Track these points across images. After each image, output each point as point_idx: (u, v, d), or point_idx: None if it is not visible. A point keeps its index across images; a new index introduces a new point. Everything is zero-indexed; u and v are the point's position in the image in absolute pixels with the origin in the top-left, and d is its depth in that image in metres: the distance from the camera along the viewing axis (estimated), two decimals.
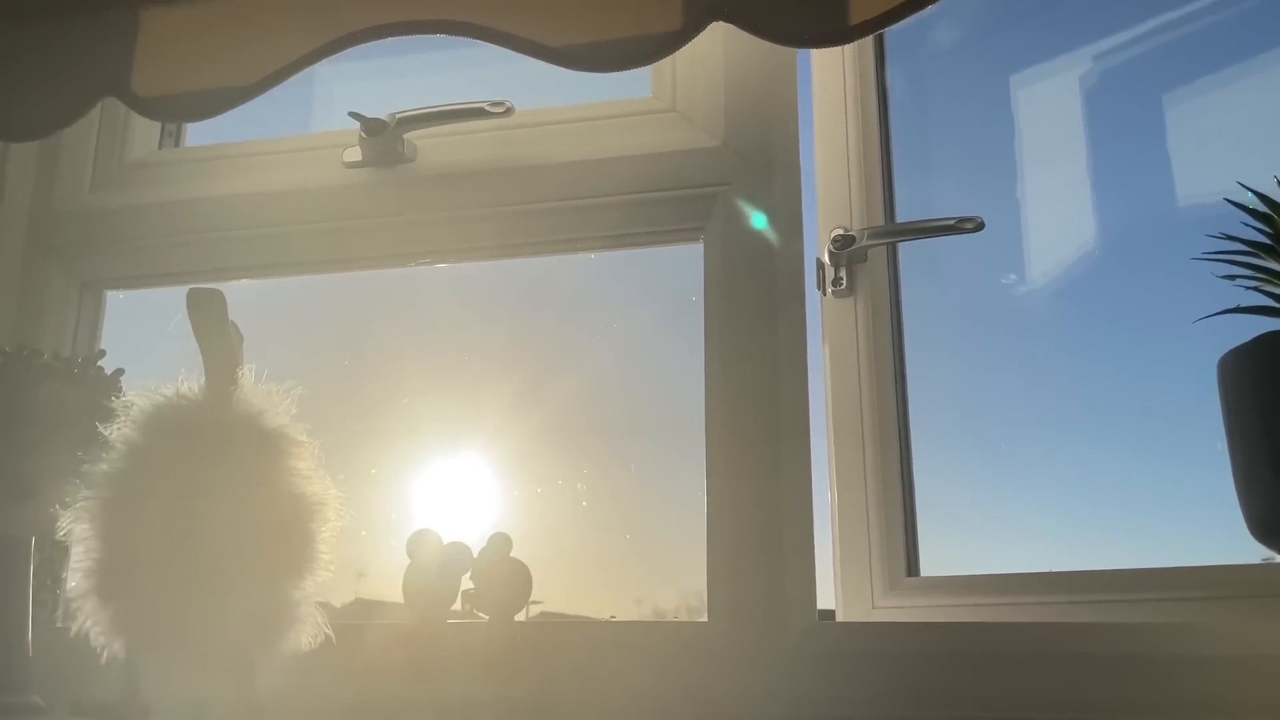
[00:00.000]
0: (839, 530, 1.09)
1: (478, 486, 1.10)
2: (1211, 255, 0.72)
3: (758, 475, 0.96)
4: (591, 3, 0.96)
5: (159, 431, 0.80)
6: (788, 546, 0.94)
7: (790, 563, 0.94)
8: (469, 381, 1.14)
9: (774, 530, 0.94)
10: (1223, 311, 0.70)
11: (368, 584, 1.08)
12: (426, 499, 1.11)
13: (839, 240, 1.14)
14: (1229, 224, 0.76)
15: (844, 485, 1.10)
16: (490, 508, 1.07)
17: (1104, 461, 1.10)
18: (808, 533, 0.95)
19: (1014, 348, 1.20)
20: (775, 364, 0.99)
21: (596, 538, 1.08)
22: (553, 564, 1.02)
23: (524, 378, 1.14)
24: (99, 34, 1.09)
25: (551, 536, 1.09)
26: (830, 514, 1.10)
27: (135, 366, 1.09)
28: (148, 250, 1.18)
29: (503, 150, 1.11)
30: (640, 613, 1.07)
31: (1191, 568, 0.95)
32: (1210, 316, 0.71)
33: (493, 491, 1.09)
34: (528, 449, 1.11)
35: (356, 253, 1.14)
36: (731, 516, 0.96)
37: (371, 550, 1.08)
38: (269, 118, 1.22)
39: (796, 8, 0.91)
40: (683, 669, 0.91)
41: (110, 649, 0.79)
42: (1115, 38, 1.26)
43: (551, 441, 1.12)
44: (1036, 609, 1.00)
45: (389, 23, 1.01)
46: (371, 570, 1.09)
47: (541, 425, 1.12)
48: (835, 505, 1.10)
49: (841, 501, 1.10)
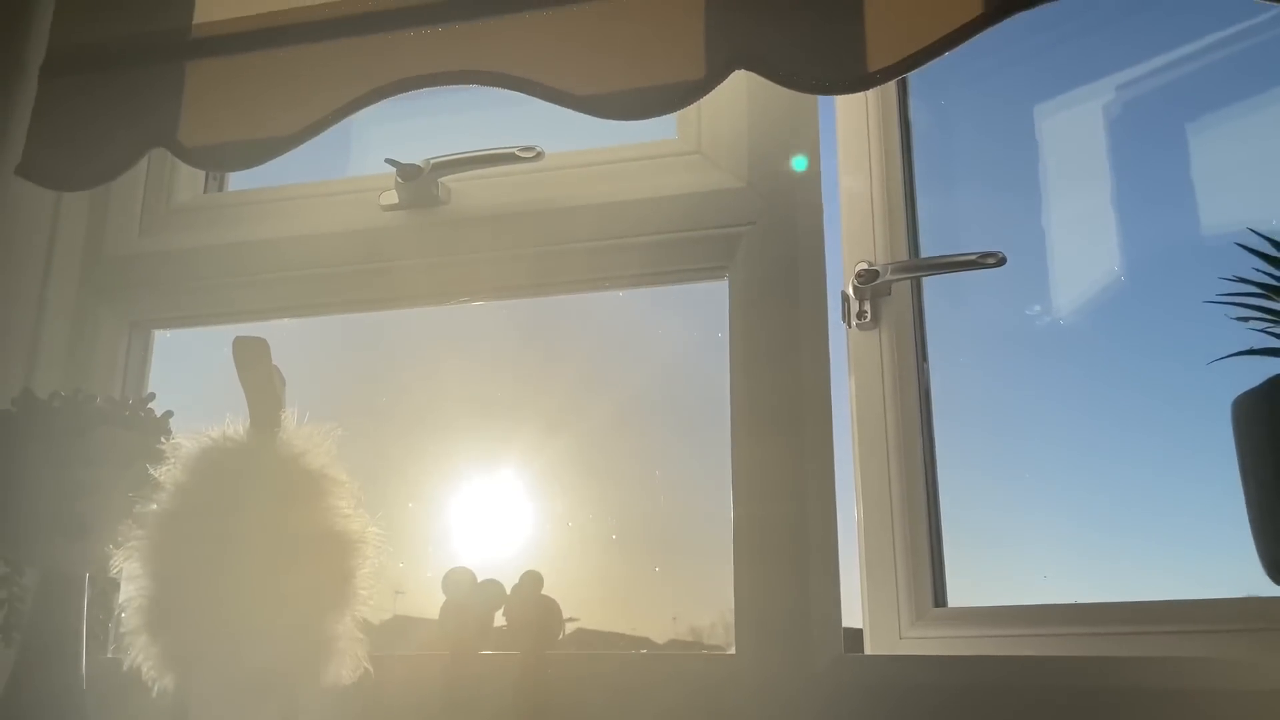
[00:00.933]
0: (866, 560, 1.11)
1: (511, 519, 1.13)
2: (1224, 298, 0.73)
3: (783, 507, 0.98)
4: (616, 53, 0.99)
5: (206, 473, 0.84)
6: (813, 578, 0.96)
7: (816, 594, 0.95)
8: (501, 416, 1.17)
9: (800, 562, 0.96)
10: (1235, 354, 0.72)
11: (405, 601, 1.12)
12: (461, 530, 1.14)
13: (863, 275, 1.16)
14: (1247, 259, 0.77)
15: (870, 516, 1.12)
16: (522, 541, 1.10)
17: (1128, 493, 1.10)
18: (833, 565, 0.96)
19: (1039, 379, 1.21)
20: (799, 397, 1.01)
21: (626, 568, 1.11)
22: (584, 598, 1.05)
23: (555, 412, 1.17)
24: (147, 85, 1.13)
25: (582, 569, 1.11)
26: (857, 545, 1.12)
27: (180, 403, 1.14)
28: (194, 291, 1.22)
29: (533, 193, 1.15)
30: (675, 630, 1.09)
31: (1215, 600, 0.95)
32: (1223, 359, 0.72)
33: (525, 525, 1.12)
34: (559, 481, 1.14)
35: (394, 292, 1.18)
36: (758, 547, 0.98)
37: (409, 574, 1.11)
38: (309, 160, 1.27)
39: (815, 56, 0.94)
40: (710, 702, 0.93)
41: (161, 682, 0.82)
42: (1138, 68, 1.27)
43: (582, 474, 1.15)
44: (1062, 641, 1.00)
45: (423, 74, 1.05)
46: (409, 588, 1.12)
47: (572, 457, 1.15)
48: (862, 536, 1.11)
49: (868, 533, 1.11)
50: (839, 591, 0.96)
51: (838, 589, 0.96)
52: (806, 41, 0.95)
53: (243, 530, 0.81)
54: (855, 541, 1.12)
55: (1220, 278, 0.74)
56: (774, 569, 0.97)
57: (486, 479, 1.17)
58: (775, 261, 1.05)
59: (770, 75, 0.95)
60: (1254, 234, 0.72)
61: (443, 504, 1.17)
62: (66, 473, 0.89)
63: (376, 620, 1.04)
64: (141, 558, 0.83)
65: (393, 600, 1.11)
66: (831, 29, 0.95)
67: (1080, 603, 1.02)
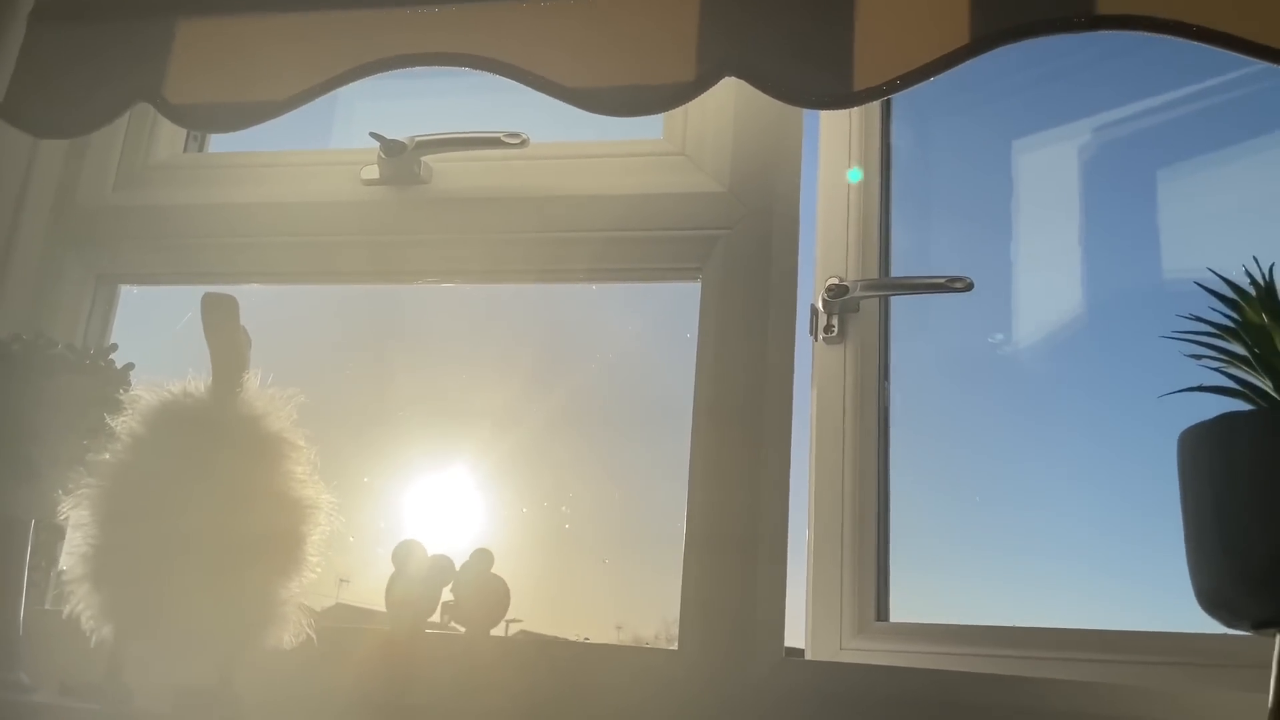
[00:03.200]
0: (813, 571, 1.12)
1: (465, 502, 1.13)
2: (1179, 335, 0.75)
3: (736, 510, 0.99)
4: (610, 49, 1.00)
5: (163, 427, 0.84)
6: (761, 582, 0.97)
7: (762, 598, 0.97)
8: (464, 399, 1.17)
9: (749, 565, 0.97)
10: (1184, 389, 0.74)
11: (350, 591, 1.11)
12: (415, 510, 1.14)
13: (833, 289, 1.18)
14: (1205, 301, 0.79)
15: (821, 528, 1.13)
16: (476, 523, 1.11)
17: (1073, 521, 1.13)
18: (781, 570, 0.98)
19: (996, 406, 1.23)
20: (761, 405, 1.02)
21: (577, 560, 1.11)
22: (532, 583, 1.05)
23: (516, 398, 1.18)
24: (136, 39, 1.13)
25: (533, 556, 1.12)
26: (806, 555, 1.13)
27: (143, 360, 1.13)
28: (165, 249, 1.22)
29: (516, 179, 1.16)
30: (620, 639, 1.10)
31: (1149, 633, 0.98)
32: (1172, 394, 0.74)
33: (479, 508, 1.12)
34: (516, 468, 1.15)
35: (368, 267, 1.18)
36: (708, 548, 0.99)
37: (358, 557, 1.11)
38: (291, 128, 1.26)
39: (805, 70, 0.95)
40: (651, 694, 0.94)
41: (99, 633, 0.82)
42: (1115, 112, 1.30)
43: (540, 463, 1.15)
44: (997, 661, 1.02)
45: (417, 53, 1.05)
46: (356, 577, 1.11)
47: (531, 446, 1.16)
48: (811, 547, 1.13)
49: (818, 544, 1.13)
50: (784, 596, 0.97)
51: (784, 594, 0.97)
52: (797, 55, 0.97)
53: (195, 487, 0.81)
54: (805, 552, 1.13)
55: (1177, 315, 0.76)
56: (722, 570, 0.98)
57: (443, 466, 1.17)
58: (749, 268, 1.06)
59: (759, 84, 0.97)
60: (1212, 274, 0.74)
61: (399, 484, 1.17)
62: (21, 415, 0.88)
63: (319, 608, 1.04)
64: (90, 506, 0.82)
65: (338, 588, 1.11)
66: (822, 45, 0.96)
67: (1018, 626, 1.04)
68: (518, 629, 1.09)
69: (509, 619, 1.06)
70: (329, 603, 1.08)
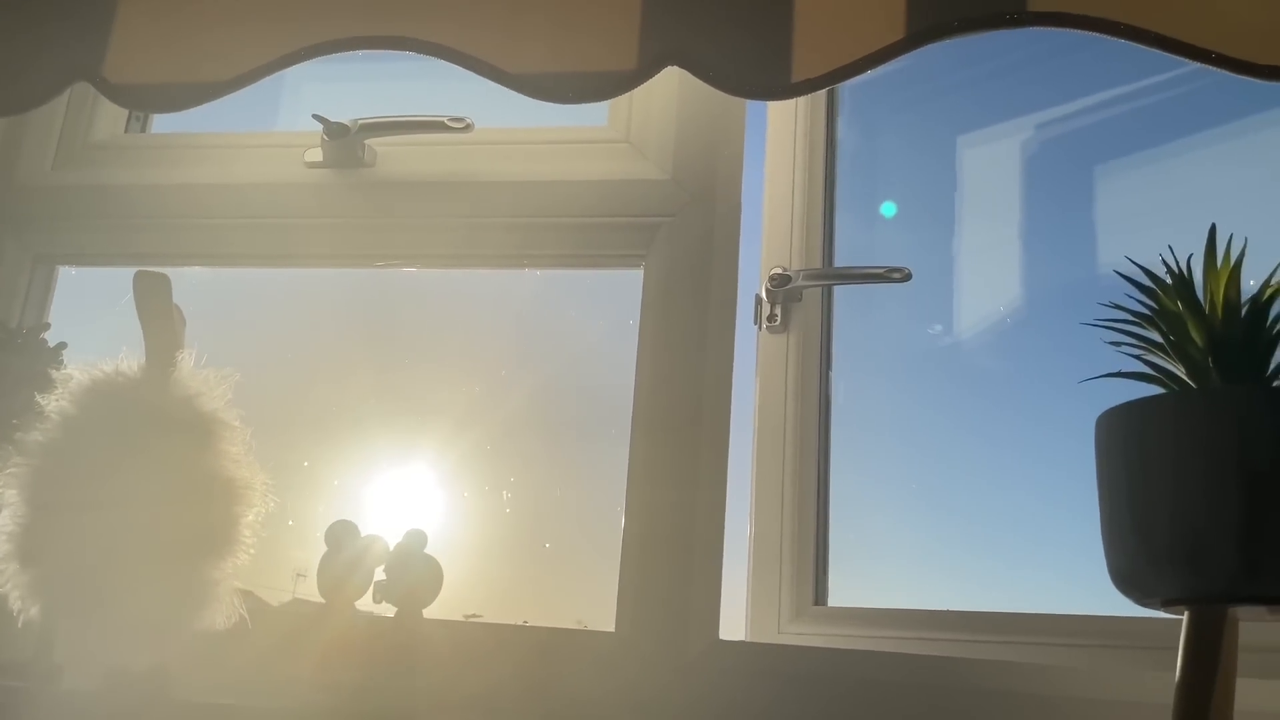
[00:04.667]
0: (754, 557, 1.14)
1: (405, 486, 1.13)
2: (1099, 322, 0.77)
3: (675, 496, 1.00)
4: (552, 35, 1.00)
5: (94, 406, 0.83)
6: (697, 567, 0.98)
7: (698, 583, 0.98)
8: (405, 383, 1.17)
9: (685, 550, 0.98)
10: (1102, 375, 0.76)
11: (308, 585, 1.11)
12: (355, 494, 1.14)
13: (776, 279, 1.19)
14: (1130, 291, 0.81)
15: (761, 514, 1.15)
16: (416, 508, 1.11)
17: (1007, 507, 1.15)
18: (717, 555, 0.99)
19: (935, 395, 1.25)
20: (701, 391, 1.03)
21: (518, 545, 1.12)
22: (471, 567, 1.06)
23: (459, 384, 1.18)
24: (76, 16, 1.11)
25: (473, 540, 1.12)
26: (748, 542, 1.14)
27: (81, 342, 1.11)
28: (105, 230, 1.20)
29: (460, 164, 1.16)
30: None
31: (1074, 615, 1.00)
32: (1091, 379, 0.76)
33: (420, 492, 1.12)
34: (457, 453, 1.15)
35: (310, 250, 1.17)
36: (646, 533, 1.00)
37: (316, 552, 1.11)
38: (236, 108, 1.25)
39: (744, 61, 0.96)
40: (587, 677, 0.95)
41: (27, 612, 0.81)
42: (1056, 110, 1.33)
43: (482, 448, 1.15)
44: (932, 644, 1.04)
45: (359, 36, 1.05)
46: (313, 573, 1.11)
47: (475, 432, 1.16)
48: (752, 533, 1.14)
49: (758, 530, 1.14)
50: (720, 581, 0.99)
51: (719, 578, 0.99)
52: (737, 46, 0.98)
53: (126, 466, 0.81)
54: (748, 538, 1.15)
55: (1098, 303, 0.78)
56: (660, 553, 0.99)
57: (384, 449, 1.17)
58: (691, 256, 1.07)
59: (699, 74, 0.98)
60: (1132, 263, 0.76)
61: (340, 469, 1.17)
62: None
63: (276, 603, 1.03)
64: (19, 485, 0.81)
65: (294, 583, 1.10)
66: (762, 37, 0.97)
67: (951, 610, 1.07)
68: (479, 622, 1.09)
69: (469, 614, 1.07)
70: (286, 597, 1.08)
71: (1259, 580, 0.64)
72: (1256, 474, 0.64)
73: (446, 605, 0.94)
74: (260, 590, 1.03)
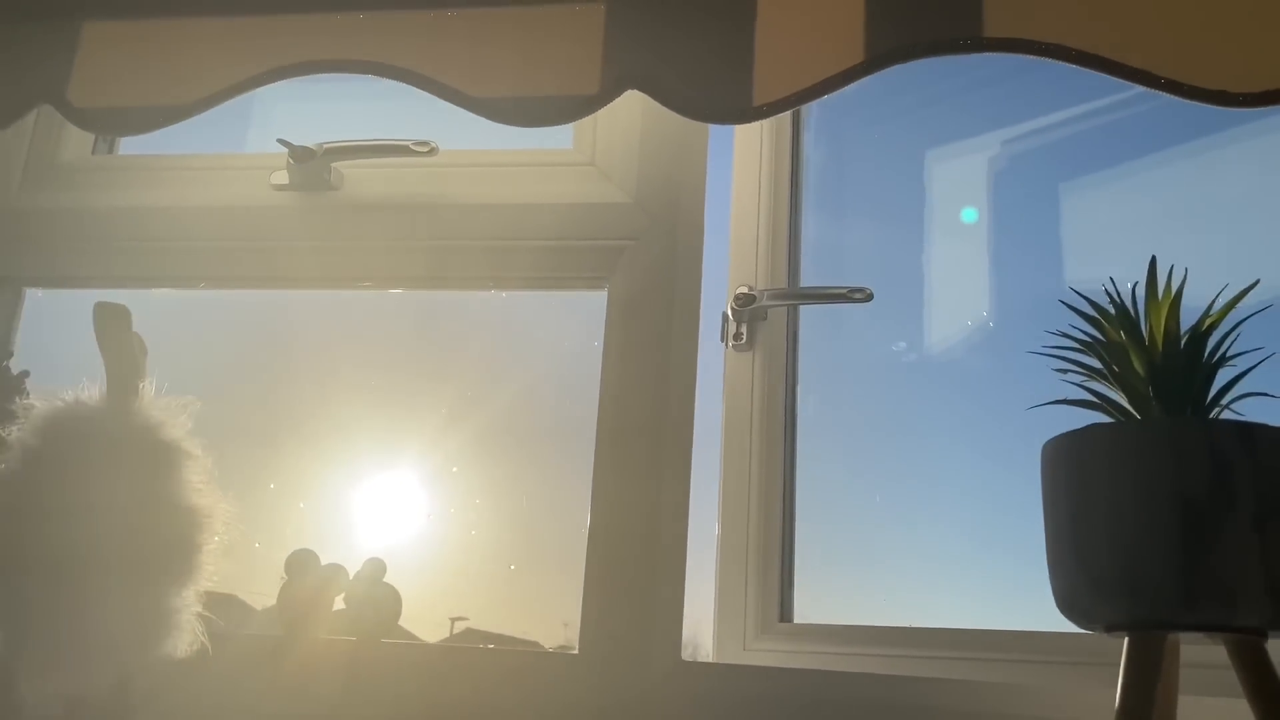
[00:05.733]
0: (720, 574, 1.15)
1: (372, 509, 1.14)
2: (1046, 350, 0.78)
3: (638, 517, 1.01)
4: (514, 60, 1.01)
5: (55, 437, 0.83)
6: (660, 587, 0.99)
7: (661, 602, 0.99)
8: (371, 406, 1.18)
9: (648, 569, 0.99)
10: (1049, 403, 0.77)
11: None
12: (322, 516, 1.14)
13: (741, 298, 1.20)
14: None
15: (727, 531, 1.16)
16: (381, 531, 1.11)
17: (973, 521, 1.17)
18: (680, 574, 1.00)
19: (899, 411, 1.27)
20: (664, 410, 1.04)
21: (482, 567, 1.12)
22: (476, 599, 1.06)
23: (425, 406, 1.19)
24: (40, 40, 1.12)
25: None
26: (715, 558, 1.15)
27: (47, 366, 1.12)
28: (72, 252, 1.20)
29: (426, 187, 1.16)
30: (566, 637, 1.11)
31: (1032, 632, 1.02)
32: (1039, 406, 0.78)
33: (385, 515, 1.13)
34: (425, 475, 1.16)
35: (278, 272, 1.18)
36: (610, 552, 1.01)
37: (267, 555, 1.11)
38: (206, 129, 1.25)
39: (705, 85, 0.98)
40: (551, 700, 0.95)
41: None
42: (1023, 125, 1.34)
43: (448, 469, 1.16)
44: (894, 661, 1.06)
45: (324, 59, 1.06)
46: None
47: (440, 453, 1.17)
48: (719, 550, 1.15)
49: (724, 547, 1.15)
50: (683, 600, 1.00)
51: (681, 600, 1.00)
52: (698, 70, 0.99)
53: (89, 496, 0.81)
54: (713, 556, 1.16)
55: (1046, 331, 0.80)
56: (623, 574, 1.00)
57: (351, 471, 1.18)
58: (654, 277, 1.08)
59: (661, 98, 0.99)
60: (1076, 293, 0.78)
61: (309, 490, 1.17)
62: None
63: (259, 607, 1.04)
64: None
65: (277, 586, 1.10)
66: (723, 61, 0.99)
67: (912, 626, 1.08)
68: (463, 627, 1.10)
69: (454, 617, 1.08)
70: (269, 602, 1.08)
71: (1196, 609, 0.65)
72: (1193, 504, 0.66)
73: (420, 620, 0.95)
74: (244, 594, 1.04)
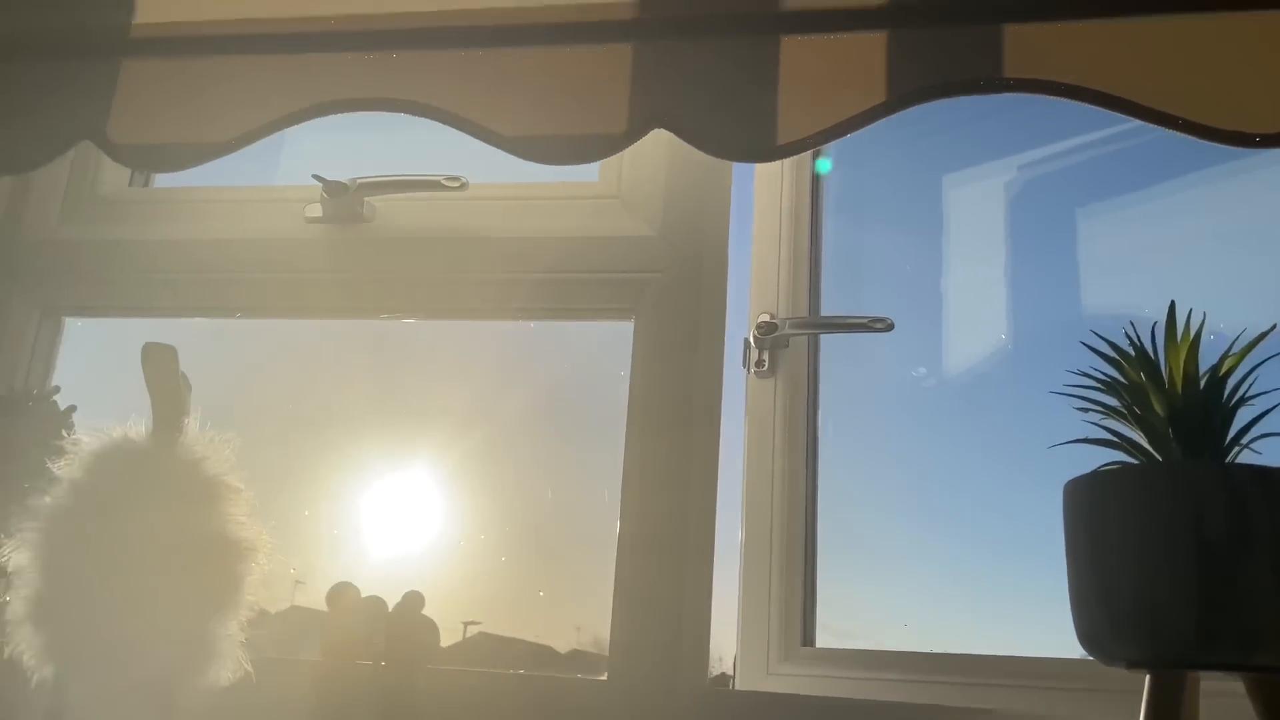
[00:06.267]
0: (743, 598, 1.16)
1: (415, 526, 1.16)
2: (1067, 390, 0.80)
3: (666, 544, 1.04)
4: (544, 99, 1.04)
5: (103, 471, 0.86)
6: (686, 615, 1.01)
7: (688, 631, 1.01)
8: (402, 431, 1.21)
9: (675, 599, 1.02)
10: (1070, 441, 0.79)
11: (306, 593, 1.13)
12: (361, 536, 1.17)
13: (763, 326, 1.22)
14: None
15: (751, 556, 1.18)
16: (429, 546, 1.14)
17: (993, 549, 1.18)
18: (706, 604, 1.02)
19: (919, 437, 1.28)
20: (689, 439, 1.07)
21: (532, 579, 1.15)
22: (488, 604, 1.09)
23: (454, 433, 1.21)
24: (81, 78, 1.15)
25: (490, 575, 1.15)
26: (738, 583, 1.17)
27: (85, 388, 1.14)
28: (110, 283, 1.23)
29: (456, 220, 1.19)
30: (579, 641, 1.13)
31: (1061, 659, 1.03)
32: (1060, 445, 0.80)
33: (433, 531, 1.16)
34: (455, 500, 1.18)
35: (312, 303, 1.20)
36: (637, 582, 1.03)
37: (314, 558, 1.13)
38: (238, 161, 1.29)
39: (730, 124, 1.00)
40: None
41: (40, 673, 0.84)
42: (1039, 150, 1.36)
43: (477, 494, 1.19)
44: (915, 687, 1.07)
45: (359, 98, 1.09)
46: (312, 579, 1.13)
47: (471, 478, 1.19)
48: (742, 575, 1.17)
49: (747, 572, 1.17)
50: (709, 628, 1.02)
51: (709, 626, 1.02)
52: (724, 110, 1.01)
53: (135, 530, 0.83)
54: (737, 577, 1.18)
55: (1066, 370, 0.82)
56: (650, 602, 1.02)
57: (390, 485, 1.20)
58: (679, 309, 1.11)
59: (686, 137, 1.01)
60: (1096, 335, 0.80)
61: (344, 508, 1.20)
62: None
63: (274, 610, 1.06)
64: (32, 549, 0.84)
65: (292, 590, 1.13)
66: (747, 101, 1.01)
67: (935, 652, 1.10)
68: (476, 630, 1.12)
69: (467, 621, 1.10)
70: (284, 605, 1.11)
71: (1216, 648, 0.67)
72: (1211, 546, 0.67)
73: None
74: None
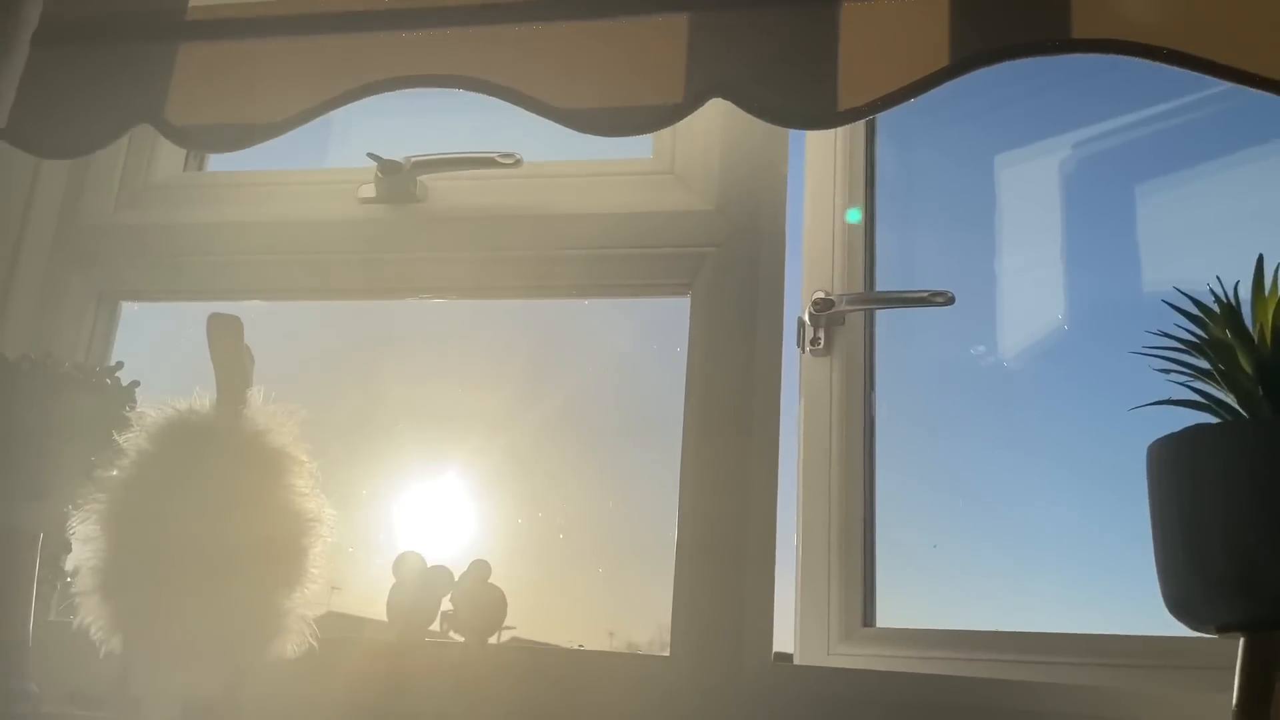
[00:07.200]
0: (801, 578, 1.15)
1: (462, 513, 1.16)
2: (1148, 350, 0.78)
3: (726, 519, 1.02)
4: (600, 71, 1.03)
5: (169, 442, 0.86)
6: (749, 590, 1.00)
7: (751, 605, 1.00)
8: (460, 412, 1.20)
9: (737, 573, 1.00)
10: (1154, 403, 0.77)
11: (342, 598, 1.14)
12: (412, 521, 1.17)
13: (819, 303, 1.21)
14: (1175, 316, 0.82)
15: (809, 536, 1.16)
16: (470, 532, 1.13)
17: (1055, 527, 1.16)
18: (769, 577, 1.01)
19: (978, 415, 1.26)
20: (749, 417, 1.05)
21: (569, 567, 1.14)
22: (528, 592, 1.08)
23: (510, 409, 1.21)
24: (138, 63, 1.15)
25: (528, 564, 1.14)
26: (795, 563, 1.16)
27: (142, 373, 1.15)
28: (166, 267, 1.24)
29: (510, 198, 1.18)
30: (612, 645, 1.13)
31: (1126, 635, 1.01)
32: (1142, 406, 0.77)
33: (475, 518, 1.15)
34: (511, 478, 1.18)
35: (366, 284, 1.20)
36: (698, 556, 1.02)
37: (356, 567, 1.13)
38: (287, 145, 1.29)
39: (789, 91, 0.98)
40: (643, 701, 0.97)
41: (108, 644, 0.84)
42: (1094, 128, 1.34)
43: (533, 472, 1.18)
44: (978, 665, 1.05)
45: (412, 75, 1.08)
46: (349, 586, 1.14)
47: (525, 456, 1.18)
48: (800, 554, 1.16)
49: (805, 552, 1.15)
50: (773, 603, 1.00)
51: (772, 601, 1.00)
52: (782, 77, 1.00)
53: (201, 500, 0.83)
54: (794, 559, 1.16)
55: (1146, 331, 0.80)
56: (713, 577, 1.01)
57: (438, 476, 1.20)
58: (737, 284, 1.09)
59: (745, 106, 1.00)
60: (1179, 293, 0.77)
61: (396, 495, 1.20)
62: (30, 433, 0.90)
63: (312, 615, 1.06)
64: (99, 521, 0.84)
65: (329, 596, 1.13)
66: (806, 67, 0.99)
67: (999, 630, 1.08)
68: (510, 636, 1.11)
69: (504, 627, 1.09)
70: (321, 610, 1.10)
71: None
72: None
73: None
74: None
